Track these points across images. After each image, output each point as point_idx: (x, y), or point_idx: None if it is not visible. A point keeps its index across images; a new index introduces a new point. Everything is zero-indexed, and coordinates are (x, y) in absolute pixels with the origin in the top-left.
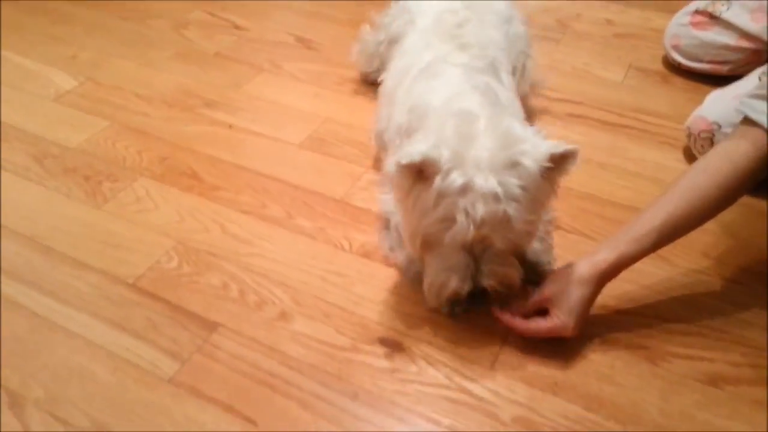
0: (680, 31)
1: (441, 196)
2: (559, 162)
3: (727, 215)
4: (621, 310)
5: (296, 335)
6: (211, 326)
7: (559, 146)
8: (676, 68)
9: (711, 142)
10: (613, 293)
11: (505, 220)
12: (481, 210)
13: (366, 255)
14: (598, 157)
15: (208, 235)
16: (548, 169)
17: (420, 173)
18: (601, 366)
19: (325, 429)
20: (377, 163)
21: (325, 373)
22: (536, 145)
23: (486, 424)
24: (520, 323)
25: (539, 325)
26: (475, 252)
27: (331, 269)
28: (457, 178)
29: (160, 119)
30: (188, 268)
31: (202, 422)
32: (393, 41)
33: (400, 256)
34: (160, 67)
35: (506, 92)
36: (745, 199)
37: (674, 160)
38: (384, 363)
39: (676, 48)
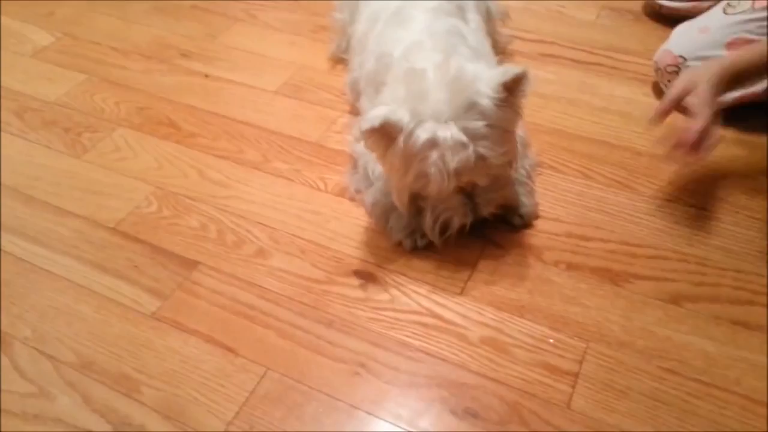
0: None
1: (409, 155)
2: (513, 87)
3: None
4: (586, 237)
5: (273, 270)
6: (191, 265)
7: (507, 73)
8: (656, 13)
9: (677, 75)
10: (578, 221)
11: (480, 161)
12: (452, 161)
13: (340, 194)
14: (568, 94)
15: (186, 180)
16: (505, 97)
17: (387, 135)
18: (565, 289)
19: (302, 354)
20: (354, 109)
21: (301, 304)
22: (487, 82)
23: (455, 345)
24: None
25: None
26: (467, 189)
27: (306, 208)
28: (420, 135)
29: (137, 71)
30: (167, 212)
31: (185, 352)
32: (356, 8)
33: (366, 197)
34: (136, 21)
35: (474, 33)
36: None
37: (642, 94)
38: (358, 293)
39: None
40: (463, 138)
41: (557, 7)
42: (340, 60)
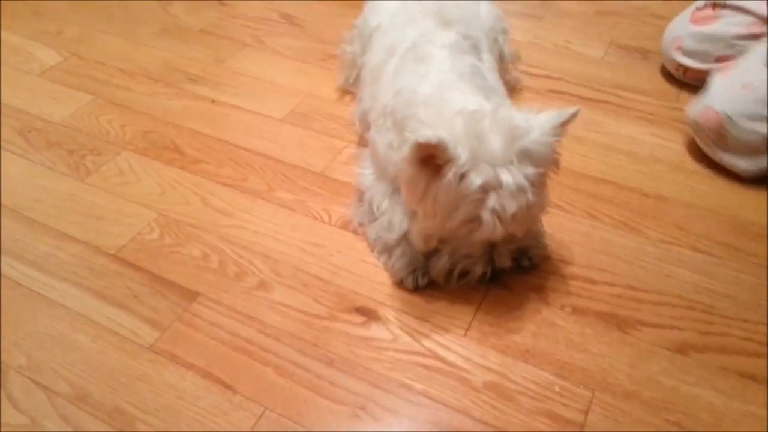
0: (681, 31)
1: (460, 197)
2: (565, 126)
3: (701, 187)
4: (592, 280)
5: (274, 304)
6: (191, 296)
7: (562, 114)
8: (680, 79)
9: (721, 134)
10: (584, 263)
11: (529, 209)
12: (512, 207)
13: (344, 226)
14: (574, 131)
15: (189, 207)
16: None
17: (433, 164)
18: (571, 334)
19: (301, 394)
20: (362, 140)
21: (301, 340)
22: (541, 128)
23: (458, 390)
24: None
25: None
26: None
27: (310, 240)
28: (477, 176)
29: (143, 94)
30: (169, 240)
31: (181, 388)
32: (368, 40)
33: (369, 231)
34: (144, 43)
35: (490, 73)
36: (720, 172)
37: (649, 134)
38: (360, 331)
39: (679, 50)
40: (525, 183)
41: (564, 43)
42: (347, 91)
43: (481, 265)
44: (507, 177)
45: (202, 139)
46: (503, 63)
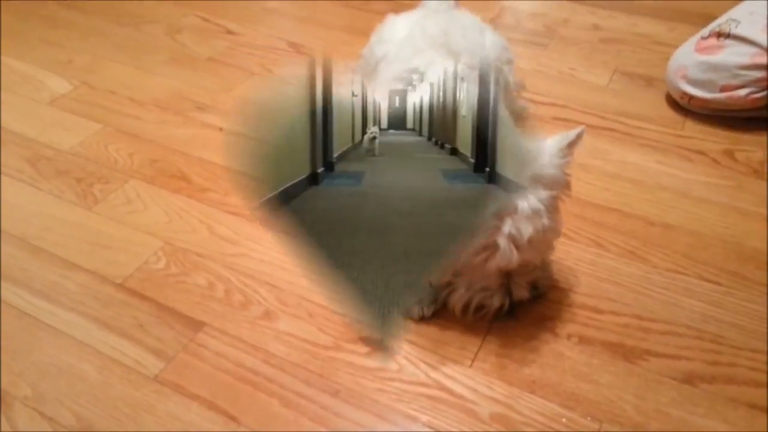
0: (686, 59)
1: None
2: (572, 147)
3: (708, 216)
4: (599, 309)
5: (280, 334)
6: (197, 325)
7: (567, 136)
8: (685, 107)
9: None
10: (591, 292)
11: (544, 234)
12: (528, 231)
13: None
14: (580, 159)
15: (196, 235)
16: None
17: None
18: (578, 364)
19: (306, 426)
20: None
21: (307, 371)
22: (550, 152)
23: (464, 422)
24: None
25: None
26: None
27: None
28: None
29: (152, 122)
30: (175, 269)
31: (186, 419)
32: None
33: None
34: (153, 72)
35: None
36: (726, 200)
37: (655, 162)
38: (365, 361)
39: (684, 78)
40: (540, 206)
41: (569, 70)
42: None
43: (498, 297)
44: (522, 202)
45: (210, 167)
46: (508, 92)
